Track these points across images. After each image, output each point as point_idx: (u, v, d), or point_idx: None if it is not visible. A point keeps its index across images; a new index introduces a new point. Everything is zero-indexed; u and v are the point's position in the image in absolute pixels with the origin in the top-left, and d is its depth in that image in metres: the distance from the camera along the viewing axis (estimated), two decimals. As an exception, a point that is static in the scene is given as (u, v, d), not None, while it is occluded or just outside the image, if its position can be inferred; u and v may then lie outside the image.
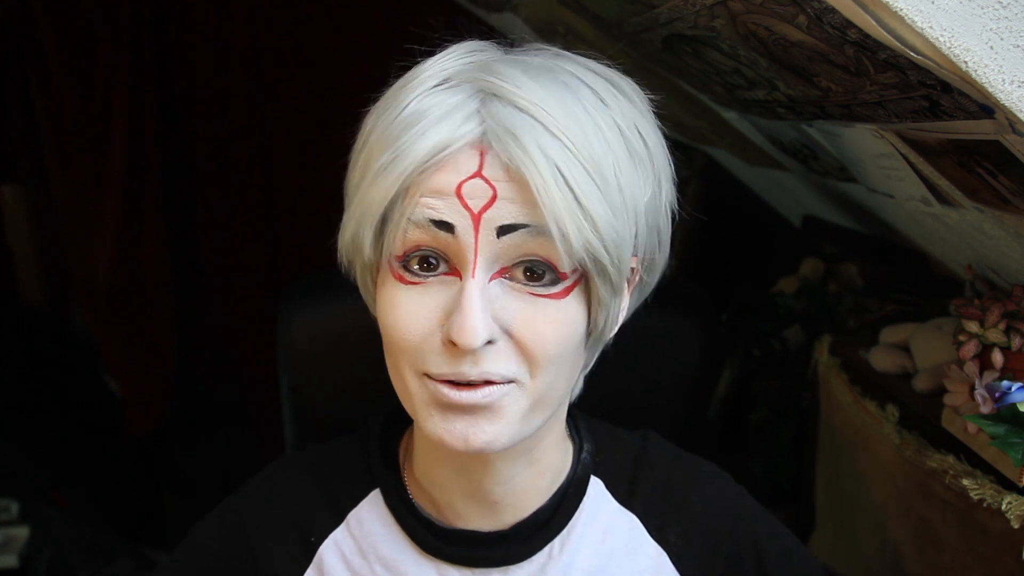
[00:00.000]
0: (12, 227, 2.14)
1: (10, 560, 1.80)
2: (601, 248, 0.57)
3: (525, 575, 0.69)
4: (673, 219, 0.67)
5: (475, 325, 0.54)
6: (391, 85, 0.62)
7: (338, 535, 0.71)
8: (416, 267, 0.58)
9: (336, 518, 0.72)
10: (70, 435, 2.14)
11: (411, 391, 0.60)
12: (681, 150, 1.86)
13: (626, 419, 0.82)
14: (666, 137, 0.65)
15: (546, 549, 0.69)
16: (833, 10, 0.57)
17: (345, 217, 0.63)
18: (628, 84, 0.63)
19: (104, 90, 1.94)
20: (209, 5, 1.95)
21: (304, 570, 0.71)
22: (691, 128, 1.54)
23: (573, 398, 0.73)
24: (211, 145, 2.06)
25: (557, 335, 0.58)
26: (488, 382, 0.57)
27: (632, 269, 0.65)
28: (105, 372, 2.19)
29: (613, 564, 0.71)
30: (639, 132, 0.61)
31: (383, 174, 0.57)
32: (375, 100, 0.63)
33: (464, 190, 0.56)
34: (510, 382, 0.58)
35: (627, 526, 0.72)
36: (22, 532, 1.86)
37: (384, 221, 0.59)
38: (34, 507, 1.92)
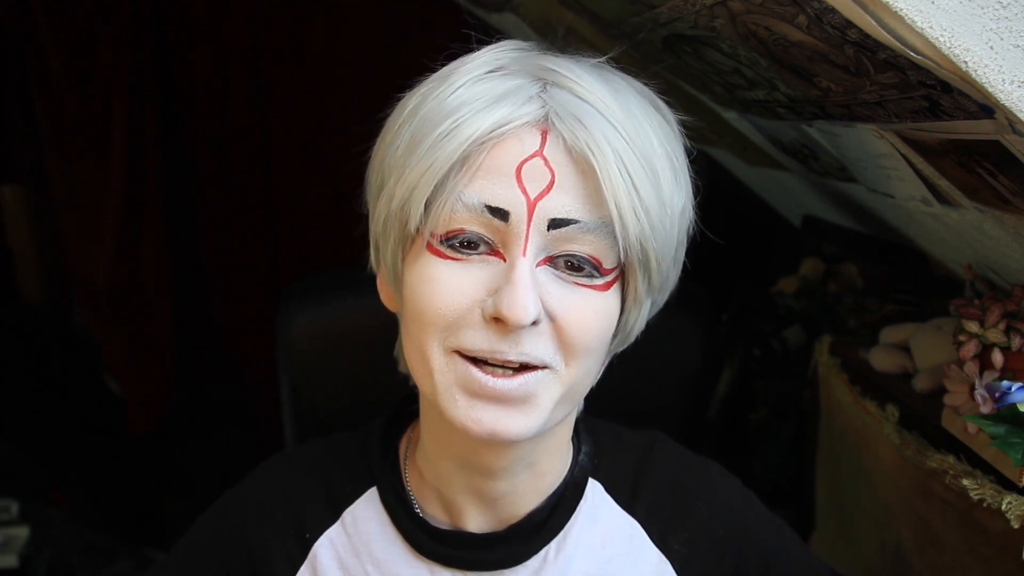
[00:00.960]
0: (12, 227, 2.14)
1: (10, 560, 1.79)
2: (652, 240, 0.58)
3: None
4: (689, 240, 0.69)
5: (527, 301, 0.55)
6: (430, 75, 0.63)
7: (333, 533, 0.71)
8: (458, 245, 0.58)
9: (332, 515, 0.72)
10: (70, 435, 2.13)
11: (435, 370, 0.59)
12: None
13: (626, 419, 0.82)
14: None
15: (541, 553, 0.69)
16: (833, 10, 0.57)
17: (389, 186, 0.61)
18: (663, 105, 0.65)
19: (104, 90, 1.94)
20: (209, 5, 1.95)
21: (299, 567, 0.70)
22: (691, 128, 1.53)
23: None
24: (211, 145, 2.06)
25: (598, 325, 0.59)
26: (524, 367, 0.57)
27: None
28: (105, 372, 2.19)
29: (612, 570, 0.70)
30: (672, 149, 0.63)
31: (442, 142, 0.57)
32: (388, 98, 0.64)
33: (524, 171, 0.56)
34: (545, 368, 0.58)
35: (628, 531, 0.72)
36: (22, 532, 1.86)
37: (435, 192, 0.58)
38: (34, 507, 1.92)
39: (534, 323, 0.57)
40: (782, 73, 0.81)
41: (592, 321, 0.59)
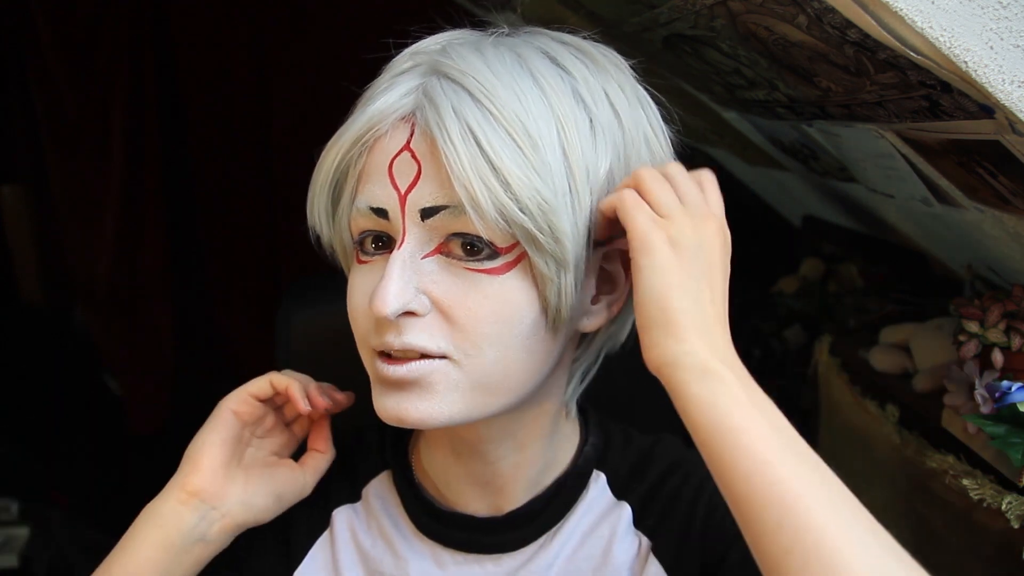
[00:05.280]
0: (12, 227, 2.14)
1: (10, 560, 1.80)
2: (519, 213, 0.54)
3: (516, 564, 0.69)
4: None
5: (386, 293, 0.55)
6: None
7: (352, 507, 0.74)
8: (370, 247, 0.60)
9: (353, 492, 0.74)
10: (70, 435, 2.13)
11: (368, 369, 0.62)
12: (681, 150, 1.86)
13: (625, 419, 0.82)
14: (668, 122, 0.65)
15: (540, 540, 0.69)
16: (833, 10, 0.57)
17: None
18: (602, 53, 0.63)
19: (104, 90, 1.94)
20: (210, 4, 1.95)
21: (317, 536, 0.73)
22: (691, 128, 1.54)
23: (568, 393, 0.72)
24: (211, 144, 2.06)
25: (495, 313, 0.57)
26: (420, 355, 0.57)
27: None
28: (105, 372, 2.19)
29: (599, 552, 0.70)
30: (609, 102, 0.60)
31: (330, 150, 0.60)
32: None
33: (394, 167, 0.57)
34: (441, 358, 0.58)
35: (617, 516, 0.71)
36: (22, 532, 1.86)
37: (336, 199, 0.61)
38: (34, 507, 1.92)
39: (413, 314, 0.57)
40: (782, 73, 0.81)
41: (483, 309, 0.57)
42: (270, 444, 0.73)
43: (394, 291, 0.55)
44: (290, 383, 0.70)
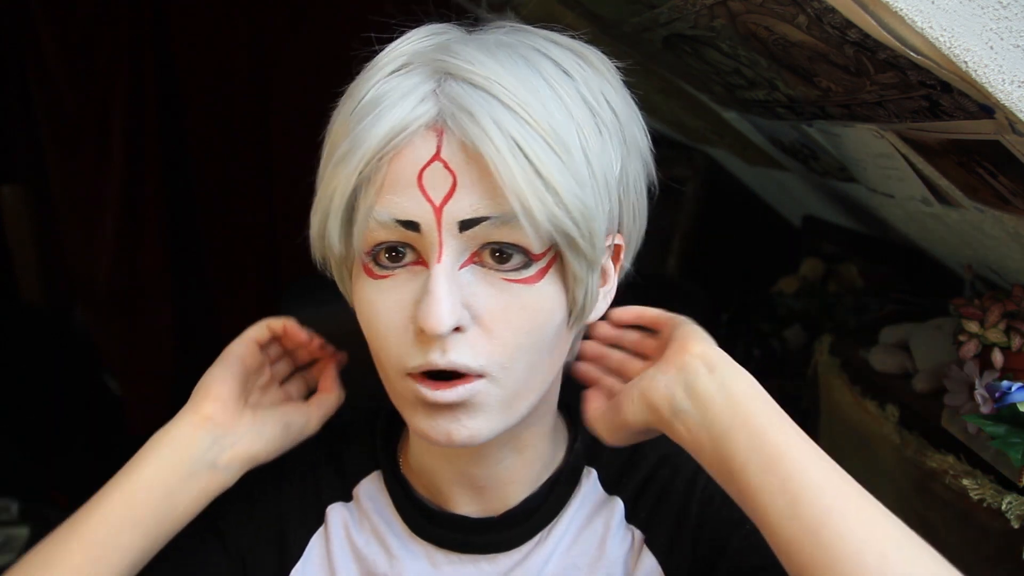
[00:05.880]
0: (12, 227, 2.14)
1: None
2: (568, 221, 0.55)
3: (511, 563, 0.69)
4: (651, 195, 0.67)
5: (441, 310, 0.54)
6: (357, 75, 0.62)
7: (345, 506, 0.73)
8: (385, 259, 0.58)
9: (344, 491, 0.74)
10: (70, 435, 2.13)
11: (398, 391, 0.60)
12: (681, 150, 1.86)
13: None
14: (646, 118, 0.65)
15: (535, 538, 0.69)
16: (833, 10, 0.57)
17: (312, 211, 0.62)
18: (594, 54, 0.63)
19: (104, 90, 1.94)
20: (210, 5, 1.95)
21: (314, 532, 0.73)
22: (691, 128, 1.54)
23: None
24: (211, 144, 2.06)
25: (531, 323, 0.58)
26: (459, 375, 0.57)
27: (617, 247, 0.65)
28: (105, 372, 2.19)
29: (594, 548, 0.70)
30: (607, 102, 0.60)
31: (342, 163, 0.57)
32: None
33: (425, 178, 0.55)
34: (480, 377, 0.57)
35: (610, 511, 0.72)
36: (22, 532, 1.86)
37: (350, 213, 0.58)
38: (34, 507, 1.92)
39: (458, 329, 0.56)
40: (782, 73, 0.81)
41: (522, 320, 0.57)
42: (272, 396, 0.75)
43: (448, 308, 0.54)
44: (285, 319, 0.74)
